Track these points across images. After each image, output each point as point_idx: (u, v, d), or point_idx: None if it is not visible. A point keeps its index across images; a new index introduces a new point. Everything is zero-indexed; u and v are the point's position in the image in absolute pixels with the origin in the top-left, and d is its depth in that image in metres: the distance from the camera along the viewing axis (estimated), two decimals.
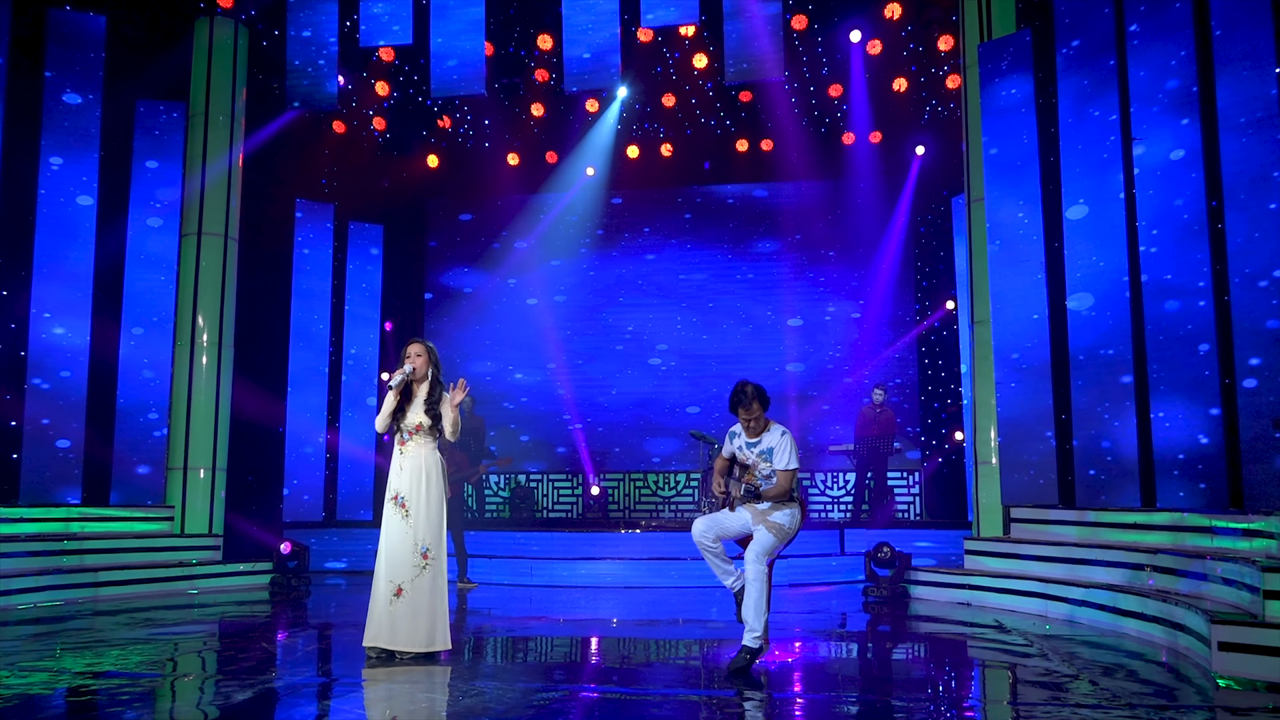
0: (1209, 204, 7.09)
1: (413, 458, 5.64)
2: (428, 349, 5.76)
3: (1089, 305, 8.17)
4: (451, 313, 15.22)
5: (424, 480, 5.60)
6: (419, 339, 5.81)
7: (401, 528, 5.53)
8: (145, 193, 10.40)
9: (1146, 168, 7.64)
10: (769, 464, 5.36)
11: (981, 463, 9.29)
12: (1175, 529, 6.97)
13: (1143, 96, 7.71)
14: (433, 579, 5.51)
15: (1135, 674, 5.24)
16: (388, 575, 5.49)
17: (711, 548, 5.47)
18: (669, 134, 13.75)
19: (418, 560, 5.50)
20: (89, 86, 9.81)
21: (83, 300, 9.69)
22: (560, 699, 4.56)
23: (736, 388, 5.35)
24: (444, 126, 13.57)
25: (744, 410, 5.35)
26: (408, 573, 5.48)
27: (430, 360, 5.74)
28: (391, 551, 5.52)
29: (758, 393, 5.36)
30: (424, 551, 5.52)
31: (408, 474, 5.61)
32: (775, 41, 10.07)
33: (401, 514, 5.55)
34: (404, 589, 5.47)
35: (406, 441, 5.67)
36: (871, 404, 12.12)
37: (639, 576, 10.07)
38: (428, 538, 5.54)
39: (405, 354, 5.72)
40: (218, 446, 10.47)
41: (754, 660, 5.19)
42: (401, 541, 5.52)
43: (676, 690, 4.89)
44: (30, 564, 8.52)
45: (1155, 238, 7.56)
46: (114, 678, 5.10)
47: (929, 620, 7.63)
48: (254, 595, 9.40)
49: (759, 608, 5.18)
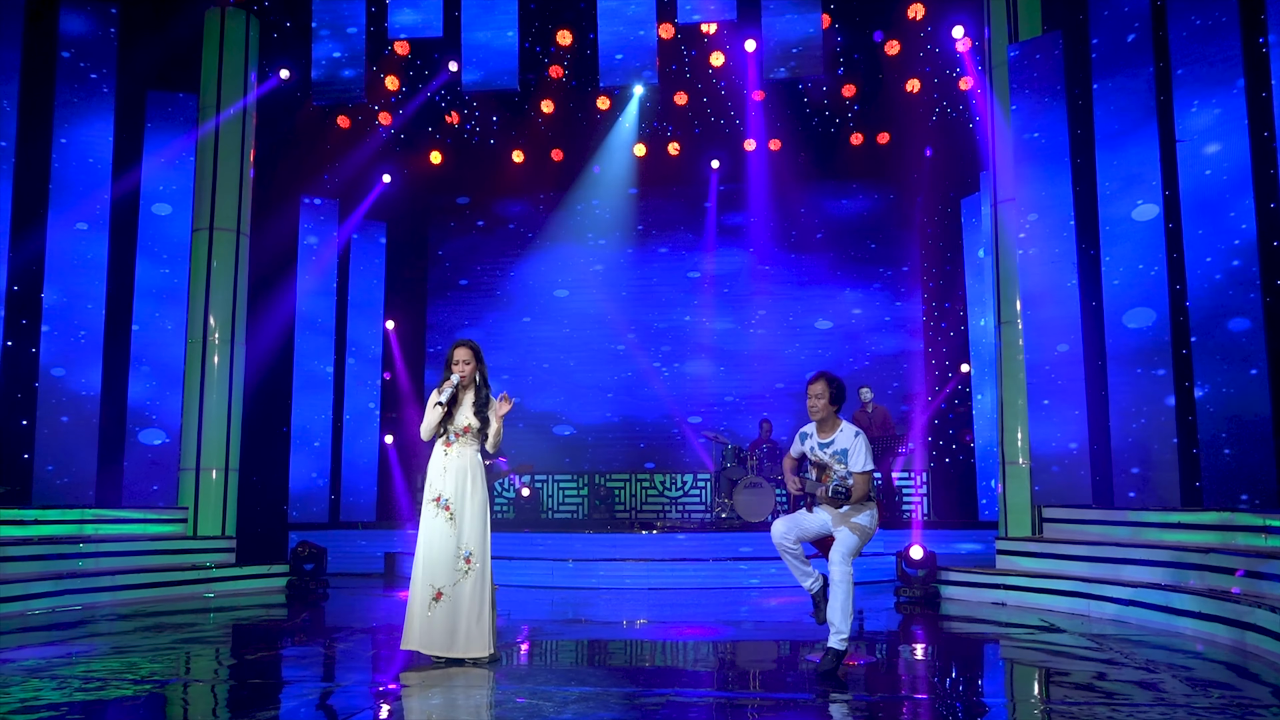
0: (1260, 207, 7.13)
1: (458, 459, 5.49)
2: (474, 351, 5.61)
3: (1128, 306, 8.21)
4: (455, 312, 15.03)
5: (470, 482, 5.47)
6: (465, 341, 5.63)
7: (444, 531, 5.38)
8: (156, 186, 10.14)
9: (1189, 170, 7.67)
10: (844, 465, 5.29)
11: (1009, 463, 9.30)
12: (1224, 528, 7.00)
13: (1182, 100, 7.74)
14: (475, 584, 5.36)
15: (1217, 672, 5.24)
16: (426, 579, 5.35)
17: (792, 549, 5.41)
18: (677, 133, 13.69)
19: (460, 564, 5.36)
20: (101, 76, 9.55)
21: (97, 291, 9.43)
22: (656, 705, 4.46)
23: (816, 375, 5.32)
24: (451, 122, 13.39)
25: (811, 385, 5.32)
26: (448, 576, 5.34)
27: (478, 362, 5.61)
28: (431, 554, 5.37)
29: (831, 379, 5.30)
30: (467, 555, 5.38)
31: (453, 475, 5.46)
32: (812, 40, 10.02)
33: (445, 517, 5.40)
34: (444, 593, 5.32)
35: (453, 443, 5.52)
36: (861, 406, 12.13)
37: (660, 578, 9.97)
38: (472, 542, 5.40)
39: (451, 358, 5.56)
40: (230, 447, 10.22)
41: (840, 662, 5.12)
42: (443, 545, 5.37)
43: (752, 694, 4.81)
44: (45, 568, 8.26)
45: (1199, 239, 7.59)
46: (147, 684, 4.93)
47: (971, 621, 7.59)
48: (271, 599, 9.19)
49: (845, 609, 5.12)
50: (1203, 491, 7.40)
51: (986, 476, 12.48)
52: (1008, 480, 9.30)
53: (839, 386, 5.34)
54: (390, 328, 14.06)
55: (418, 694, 4.69)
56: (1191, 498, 7.69)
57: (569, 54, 11.72)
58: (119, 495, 9.66)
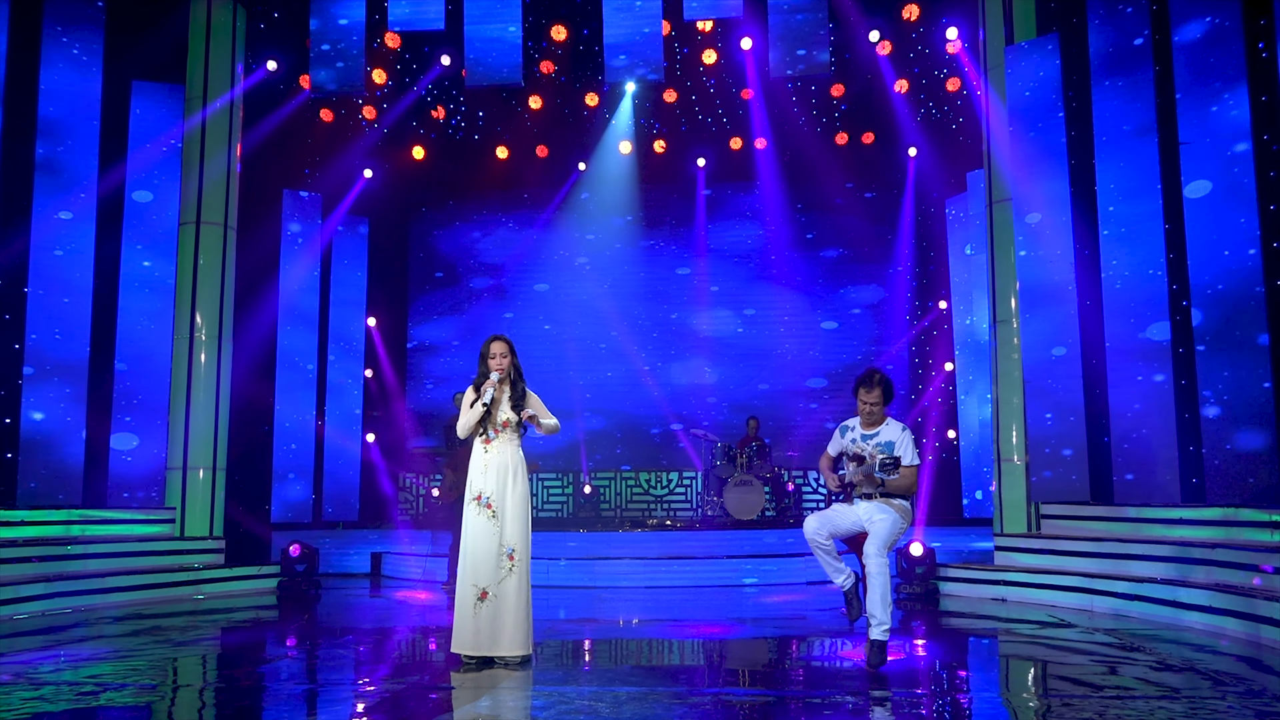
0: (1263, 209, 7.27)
1: (498, 455, 5.44)
2: (509, 345, 5.56)
3: (1126, 305, 8.34)
4: (438, 308, 14.90)
5: (511, 479, 5.41)
6: (499, 336, 5.59)
7: (487, 529, 5.32)
8: (141, 179, 9.89)
9: (1190, 172, 7.80)
10: (886, 456, 5.32)
11: (1004, 460, 9.40)
12: (1228, 524, 7.14)
13: (1186, 104, 7.86)
14: (519, 581, 5.31)
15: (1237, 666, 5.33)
16: (471, 579, 5.28)
17: (824, 545, 5.42)
18: (665, 130, 13.67)
19: (504, 562, 5.30)
20: (87, 64, 9.30)
21: (83, 283, 9.19)
22: (686, 704, 4.43)
23: (866, 372, 5.33)
24: (437, 117, 13.23)
25: (865, 390, 5.36)
26: (492, 575, 5.27)
27: (513, 355, 5.55)
28: (475, 554, 5.30)
29: (884, 381, 5.35)
30: (509, 553, 5.32)
31: (493, 472, 5.40)
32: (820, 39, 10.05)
33: (487, 515, 5.34)
34: (489, 592, 5.25)
35: (492, 439, 5.46)
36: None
37: (656, 576, 9.94)
38: (514, 538, 5.34)
39: (487, 352, 5.50)
40: (219, 445, 10.01)
41: (885, 654, 5.14)
42: (486, 544, 5.30)
43: (798, 691, 4.80)
44: (33, 570, 8.03)
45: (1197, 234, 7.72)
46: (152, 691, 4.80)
47: (975, 617, 7.64)
48: (263, 600, 9.03)
49: (885, 600, 5.14)
50: (1204, 489, 7.52)
51: (971, 474, 12.63)
52: (1003, 477, 9.40)
53: (891, 388, 5.40)
54: (372, 324, 13.88)
55: (468, 696, 4.63)
56: (1191, 494, 7.82)
57: (560, 49, 11.63)
58: (104, 495, 9.41)
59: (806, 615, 7.76)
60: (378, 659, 6.00)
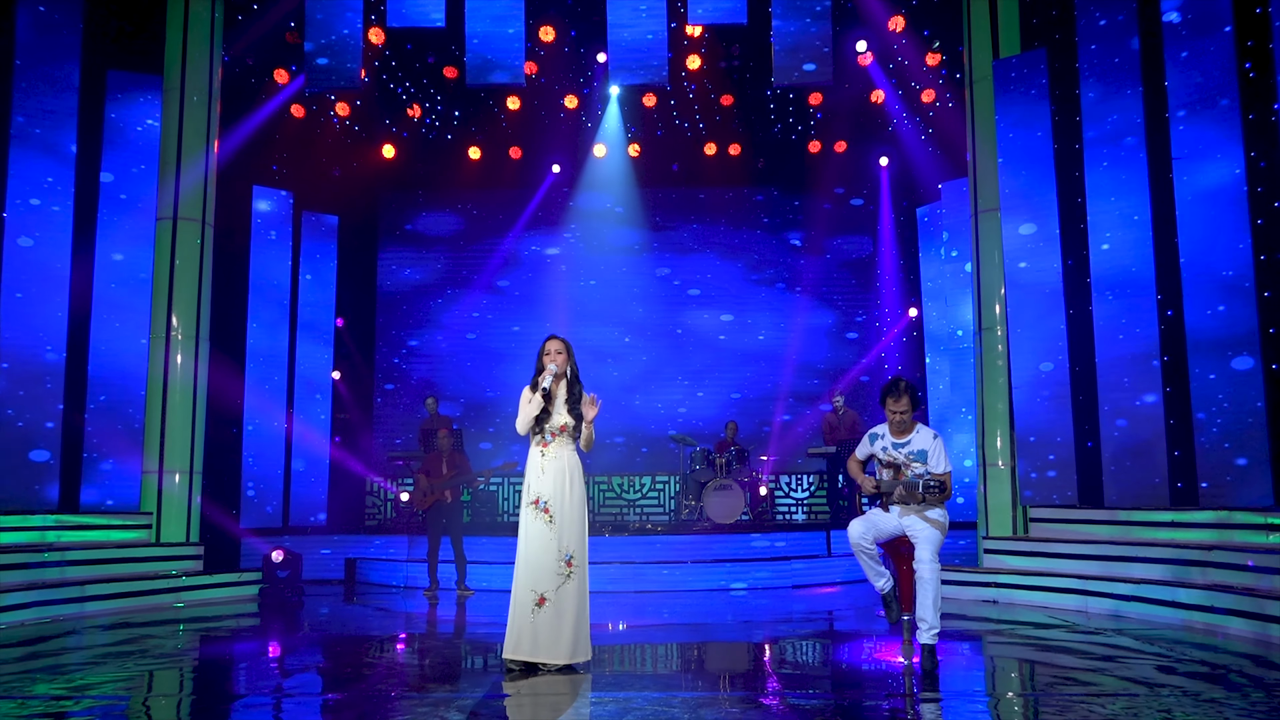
0: (1253, 221, 7.54)
1: (555, 459, 5.37)
2: (567, 345, 5.51)
3: (1115, 314, 8.58)
4: (407, 310, 14.67)
5: (568, 483, 5.35)
6: (556, 335, 5.54)
7: (544, 534, 5.25)
8: (119, 174, 9.55)
9: (1181, 185, 8.06)
10: (921, 465, 5.38)
11: (990, 465, 9.60)
12: (1222, 526, 7.39)
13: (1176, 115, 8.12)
14: (577, 587, 5.25)
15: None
16: (529, 584, 5.20)
17: (868, 550, 5.45)
18: (640, 134, 13.68)
19: (561, 568, 5.23)
20: (63, 55, 8.95)
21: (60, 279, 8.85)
22: (777, 710, 4.42)
23: (891, 381, 5.38)
24: (412, 116, 13.03)
25: (893, 400, 5.38)
26: (551, 581, 5.20)
27: (570, 356, 5.50)
28: (532, 559, 5.23)
29: (910, 389, 5.40)
30: (568, 559, 5.26)
31: (551, 477, 5.33)
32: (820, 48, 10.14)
33: (545, 519, 5.27)
34: (547, 598, 5.18)
35: (549, 443, 5.40)
36: (834, 410, 12.40)
37: (645, 581, 9.93)
38: (572, 544, 5.28)
39: (543, 351, 5.45)
40: (195, 448, 9.70)
41: (936, 656, 5.20)
42: (544, 548, 5.23)
43: (860, 696, 4.83)
44: (8, 579, 7.68)
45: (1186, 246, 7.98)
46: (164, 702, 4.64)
47: (973, 619, 7.77)
48: (246, 608, 8.78)
49: (937, 604, 5.18)
50: (1196, 492, 7.76)
51: None
52: (988, 482, 9.60)
53: (916, 394, 5.44)
54: (340, 325, 13.58)
55: (528, 705, 4.54)
56: (1179, 498, 8.07)
57: (545, 49, 11.55)
58: (78, 500, 9.04)
59: (793, 619, 7.85)
60: (407, 670, 5.85)
